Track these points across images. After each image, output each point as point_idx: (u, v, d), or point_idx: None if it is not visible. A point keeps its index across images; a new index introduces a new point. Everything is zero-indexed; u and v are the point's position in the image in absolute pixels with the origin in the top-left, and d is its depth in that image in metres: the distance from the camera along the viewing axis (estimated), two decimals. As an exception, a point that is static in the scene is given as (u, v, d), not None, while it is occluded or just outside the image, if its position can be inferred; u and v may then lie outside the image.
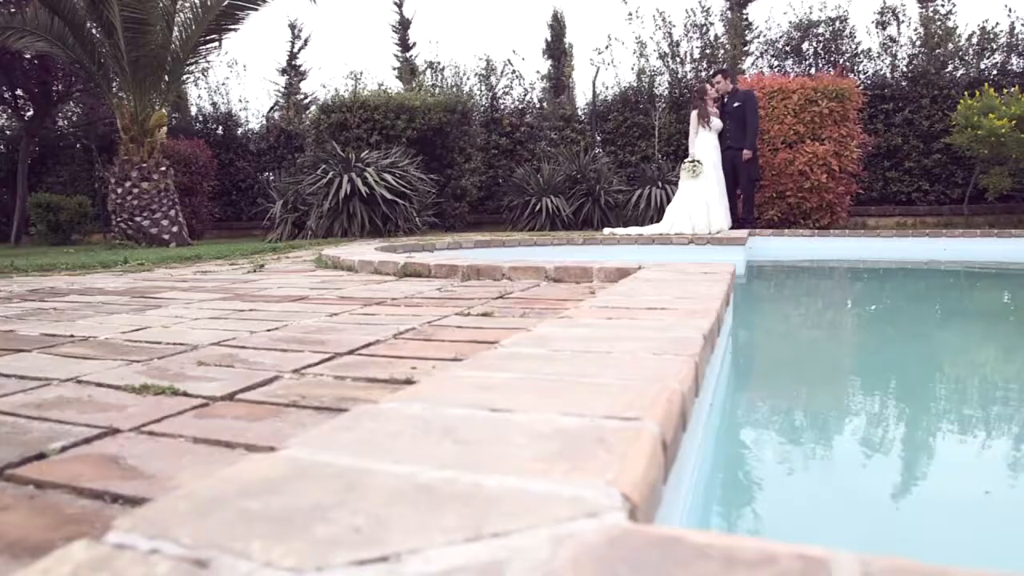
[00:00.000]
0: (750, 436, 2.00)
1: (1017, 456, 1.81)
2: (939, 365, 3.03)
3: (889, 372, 2.90)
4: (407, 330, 1.87)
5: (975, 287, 6.11)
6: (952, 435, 2.03)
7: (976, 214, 9.87)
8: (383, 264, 3.45)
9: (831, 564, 0.45)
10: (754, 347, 3.36)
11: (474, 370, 1.09)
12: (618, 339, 1.29)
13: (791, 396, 2.47)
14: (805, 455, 1.86)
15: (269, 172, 12.90)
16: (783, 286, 6.33)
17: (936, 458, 1.85)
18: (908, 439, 1.99)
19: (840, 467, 1.78)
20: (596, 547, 0.48)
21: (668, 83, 11.28)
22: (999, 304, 4.86)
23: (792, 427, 2.10)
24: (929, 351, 3.27)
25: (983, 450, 1.88)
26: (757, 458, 1.85)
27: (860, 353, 3.40)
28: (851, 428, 2.11)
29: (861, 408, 2.35)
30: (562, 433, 0.74)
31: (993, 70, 10.20)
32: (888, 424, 2.14)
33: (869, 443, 1.99)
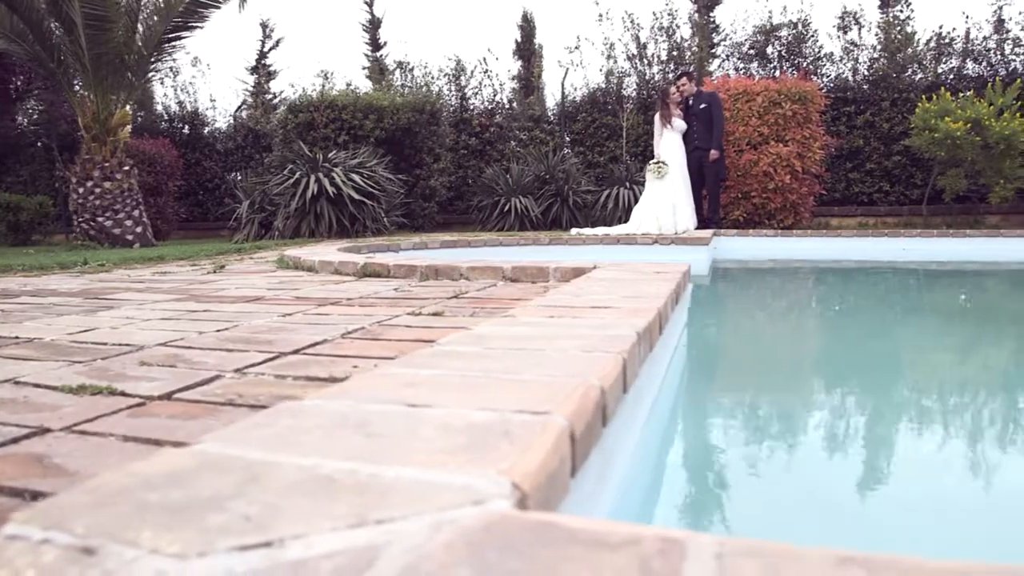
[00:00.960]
0: (697, 432, 2.05)
1: (972, 452, 1.88)
2: (893, 363, 3.11)
3: (839, 369, 2.98)
4: (356, 329, 1.89)
5: (930, 286, 6.26)
6: (910, 432, 2.09)
7: (935, 214, 10.10)
8: (343, 264, 3.45)
9: (689, 545, 0.48)
10: (710, 346, 3.42)
11: (405, 367, 1.11)
12: (554, 337, 1.32)
13: (742, 393, 2.52)
14: (748, 450, 1.90)
15: (237, 172, 12.78)
16: (744, 286, 6.44)
17: (885, 455, 1.91)
18: (854, 433, 2.04)
19: (779, 462, 1.83)
20: (472, 531, 0.51)
21: (636, 84, 11.39)
22: (952, 303, 4.99)
23: (739, 423, 2.15)
24: (881, 348, 3.36)
25: (947, 445, 1.95)
26: (701, 453, 1.89)
27: (814, 352, 3.48)
28: (796, 425, 2.17)
29: (809, 405, 2.41)
30: (472, 427, 0.76)
31: (950, 74, 10.45)
32: (835, 418, 2.20)
33: (812, 439, 2.04)
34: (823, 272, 7.13)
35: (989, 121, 8.56)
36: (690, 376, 2.63)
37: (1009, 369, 2.92)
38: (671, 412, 2.12)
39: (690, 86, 8.69)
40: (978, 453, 1.86)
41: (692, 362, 2.84)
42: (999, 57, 10.30)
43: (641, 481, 1.51)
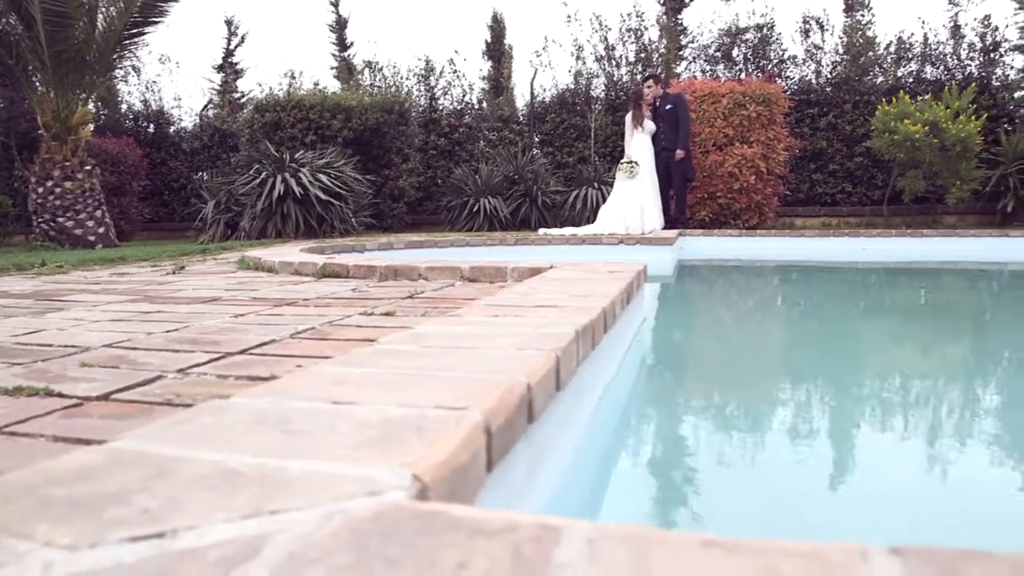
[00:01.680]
0: (646, 429, 2.08)
1: (924, 444, 1.94)
2: (847, 358, 3.18)
3: (794, 366, 3.04)
4: (306, 330, 1.89)
5: (887, 285, 6.40)
6: (869, 428, 2.15)
7: (895, 214, 10.32)
8: (303, 265, 3.45)
9: (564, 531, 0.51)
10: (668, 344, 3.47)
11: (340, 366, 1.12)
12: (493, 336, 1.34)
13: (696, 391, 2.56)
14: (696, 446, 1.94)
15: (203, 172, 12.63)
16: (708, 285, 6.52)
17: (838, 451, 1.96)
18: (803, 428, 2.09)
19: (725, 457, 1.87)
20: (361, 521, 0.53)
21: (604, 85, 11.47)
22: (908, 301, 5.11)
23: (690, 420, 2.19)
24: (835, 344, 3.44)
25: (903, 438, 2.00)
26: (649, 449, 1.93)
27: (772, 349, 3.55)
28: (748, 421, 2.21)
29: (762, 401, 2.45)
30: (388, 422, 0.78)
31: (909, 78, 10.69)
32: (787, 413, 2.25)
33: (763, 435, 2.09)
34: (786, 271, 7.25)
35: (946, 124, 8.78)
36: (645, 374, 2.67)
37: (959, 364, 3.01)
38: (623, 409, 2.16)
39: (656, 88, 8.80)
40: (928, 446, 1.92)
41: (649, 360, 2.89)
42: (955, 61, 10.57)
43: (584, 476, 1.54)
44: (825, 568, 0.45)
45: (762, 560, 0.45)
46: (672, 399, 2.43)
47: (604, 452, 1.78)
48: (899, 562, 0.46)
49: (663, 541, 0.48)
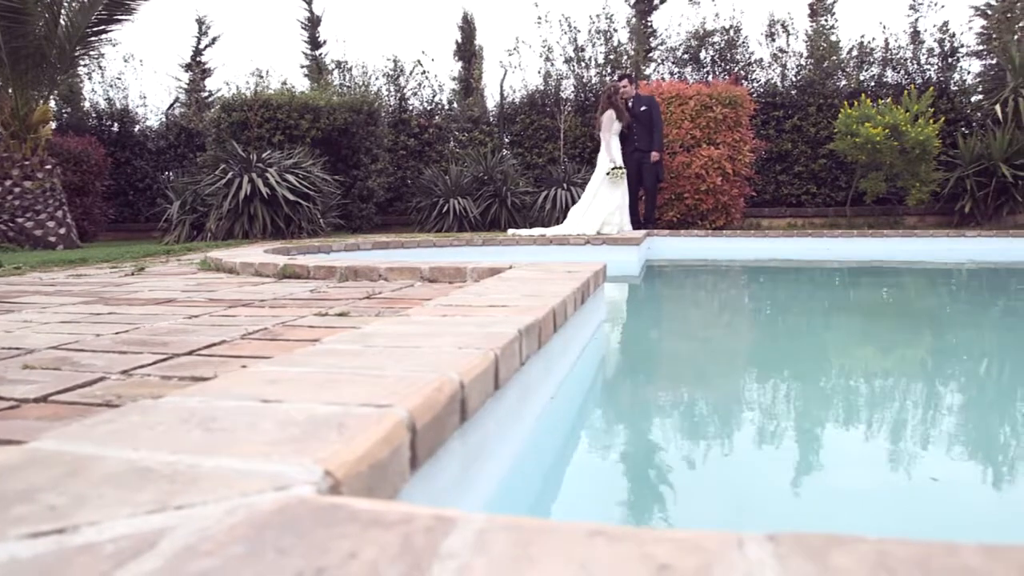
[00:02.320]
0: (598, 428, 2.11)
1: (880, 440, 1.99)
2: (803, 357, 3.25)
3: (755, 364, 3.09)
4: (258, 330, 1.89)
5: (847, 284, 6.52)
6: (820, 427, 2.20)
7: (858, 215, 10.52)
8: (263, 266, 3.43)
9: (458, 521, 0.53)
10: (629, 343, 3.51)
11: (279, 365, 1.13)
12: (437, 335, 1.36)
13: (653, 389, 2.60)
14: (649, 444, 1.97)
15: (169, 172, 12.45)
16: (675, 284, 6.59)
17: (789, 450, 2.00)
18: (752, 427, 2.14)
19: (681, 457, 1.90)
20: (263, 514, 0.54)
21: (574, 87, 11.53)
22: (867, 300, 5.22)
23: (645, 418, 2.23)
24: (791, 343, 3.50)
25: (864, 434, 2.05)
26: (601, 447, 1.95)
27: (734, 348, 3.60)
28: (705, 422, 2.24)
29: (720, 402, 2.49)
30: (311, 419, 0.79)
31: (871, 82, 10.91)
32: (742, 413, 2.29)
33: (720, 434, 2.12)
34: (750, 271, 7.36)
35: (906, 127, 8.98)
36: (603, 373, 2.70)
37: (916, 359, 3.09)
38: (578, 408, 2.18)
39: (630, 88, 8.83)
40: (887, 442, 1.97)
41: (607, 359, 2.92)
42: (915, 66, 10.81)
43: (532, 474, 1.56)
44: (700, 553, 0.47)
45: (642, 548, 0.47)
46: (628, 398, 2.46)
47: (555, 450, 1.80)
48: (772, 547, 0.48)
49: (550, 530, 0.50)
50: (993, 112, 9.69)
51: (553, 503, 1.57)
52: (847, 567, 0.45)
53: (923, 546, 0.48)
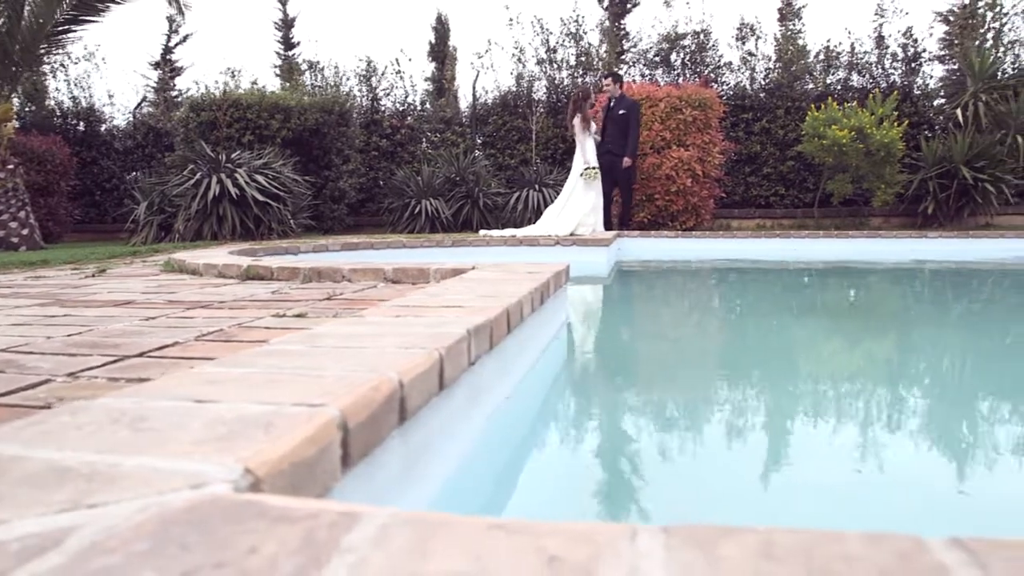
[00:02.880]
0: (554, 428, 2.12)
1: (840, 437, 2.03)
2: (759, 356, 3.30)
3: (721, 365, 3.13)
4: (213, 332, 1.88)
5: (812, 283, 6.62)
6: (780, 424, 2.23)
7: (825, 216, 10.69)
8: (227, 267, 3.40)
9: (362, 517, 0.54)
10: (592, 344, 3.54)
11: (222, 366, 1.13)
12: (385, 335, 1.37)
13: (615, 391, 2.62)
14: (606, 446, 1.99)
15: (138, 172, 12.28)
16: (644, 284, 6.65)
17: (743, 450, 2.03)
18: (711, 427, 2.17)
19: (639, 457, 1.92)
20: (174, 512, 0.55)
21: (546, 88, 11.58)
22: (831, 299, 5.31)
23: (602, 420, 2.25)
24: (757, 342, 3.56)
25: (838, 435, 2.08)
26: (557, 448, 1.97)
27: (698, 349, 3.64)
28: (666, 423, 2.27)
29: (682, 402, 2.52)
30: (241, 419, 0.80)
31: (837, 85, 11.10)
32: (702, 413, 2.32)
33: (680, 435, 2.15)
34: (719, 271, 7.44)
35: (871, 129, 9.14)
36: (565, 373, 2.72)
37: (873, 357, 3.15)
38: (538, 408, 2.20)
39: (614, 88, 8.85)
40: (849, 436, 2.01)
41: (569, 359, 2.94)
42: (880, 70, 11.01)
43: (482, 473, 1.57)
44: (591, 545, 0.48)
45: (536, 540, 0.49)
46: (589, 398, 2.48)
47: (511, 449, 1.81)
48: (664, 539, 0.50)
49: (450, 524, 0.52)
50: (954, 116, 9.91)
51: (508, 501, 1.58)
52: (733, 556, 0.47)
53: (809, 535, 0.50)
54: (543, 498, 1.61)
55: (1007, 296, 5.57)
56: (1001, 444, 1.90)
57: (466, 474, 1.46)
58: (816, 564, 0.46)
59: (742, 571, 0.45)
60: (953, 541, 0.50)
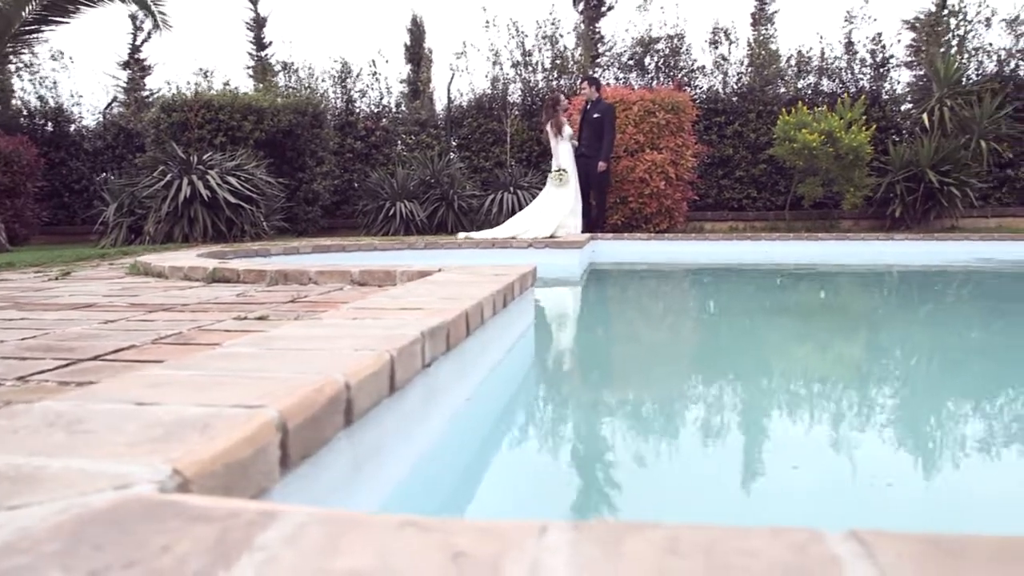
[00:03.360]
0: (516, 428, 2.13)
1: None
2: (728, 356, 3.34)
3: (680, 368, 3.17)
4: (172, 335, 1.87)
5: (782, 286, 6.71)
6: (746, 425, 2.26)
7: (796, 219, 10.84)
8: (193, 270, 3.37)
9: (280, 515, 0.55)
10: (559, 346, 3.56)
11: (170, 369, 1.13)
12: (340, 337, 1.37)
13: (576, 393, 2.64)
14: (564, 446, 2.01)
15: (108, 173, 12.11)
16: (616, 287, 6.69)
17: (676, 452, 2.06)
18: (671, 427, 2.19)
19: (599, 457, 1.94)
20: (94, 512, 0.55)
21: (521, 91, 11.61)
22: (802, 300, 5.38)
23: (565, 421, 2.26)
24: (718, 344, 3.60)
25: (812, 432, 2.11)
26: (517, 449, 1.98)
27: (667, 350, 3.68)
28: (625, 423, 2.28)
29: (642, 403, 2.55)
30: (179, 421, 0.80)
31: (808, 90, 11.26)
32: (657, 414, 2.35)
33: (636, 434, 2.17)
34: (691, 273, 7.51)
35: (840, 133, 9.29)
36: (530, 375, 2.74)
37: (839, 355, 3.21)
38: (501, 409, 2.21)
39: (591, 91, 8.94)
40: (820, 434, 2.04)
41: (535, 361, 2.95)
42: (849, 75, 11.20)
43: (440, 474, 1.57)
44: (498, 541, 0.50)
45: (446, 537, 0.50)
46: (553, 400, 2.50)
47: (472, 451, 1.82)
48: (572, 534, 0.51)
49: (365, 523, 0.53)
50: (921, 121, 10.10)
51: (469, 502, 1.59)
52: (637, 552, 0.49)
53: (714, 531, 0.52)
54: (503, 499, 1.62)
55: (968, 300, 5.69)
56: (962, 441, 1.95)
57: (423, 475, 1.47)
58: (717, 559, 0.48)
59: (644, 566, 0.47)
60: (850, 534, 0.51)
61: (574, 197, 8.59)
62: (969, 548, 0.50)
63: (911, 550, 0.49)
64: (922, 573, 0.47)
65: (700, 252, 8.22)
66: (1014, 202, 10.68)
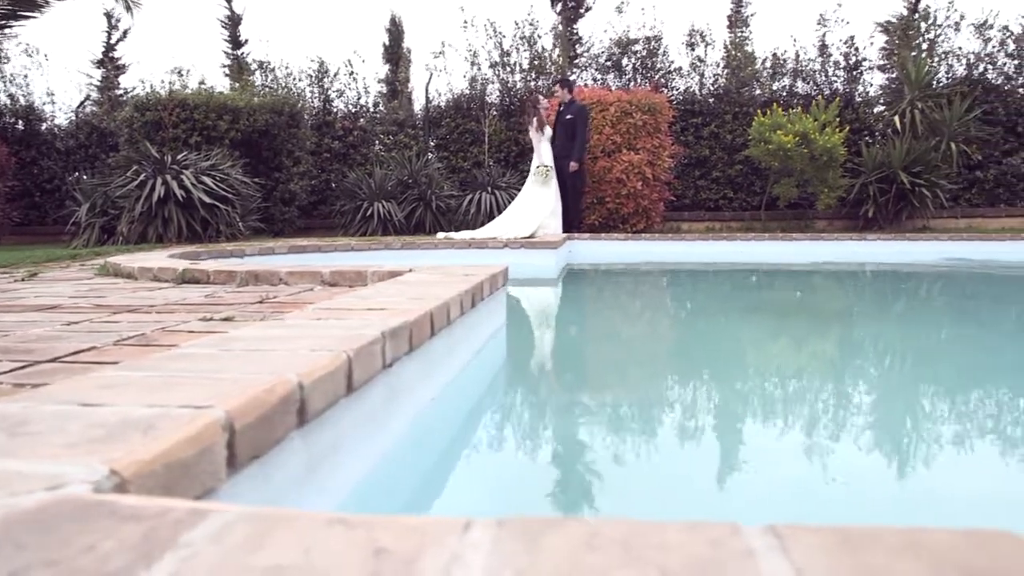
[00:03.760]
0: (483, 428, 2.14)
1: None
2: (701, 356, 3.37)
3: (653, 369, 3.19)
4: (134, 336, 1.86)
5: (752, 284, 6.78)
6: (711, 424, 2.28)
7: (772, 219, 10.95)
8: (162, 271, 3.34)
9: (209, 515, 0.55)
10: (530, 345, 3.57)
11: (124, 370, 1.12)
12: (301, 337, 1.37)
13: (545, 392, 2.65)
14: (531, 446, 2.02)
15: (81, 173, 11.95)
16: (592, 286, 6.72)
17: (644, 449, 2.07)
18: (640, 427, 2.21)
19: (567, 457, 1.95)
20: (19, 513, 0.55)
21: (499, 91, 11.62)
22: (775, 299, 5.44)
23: (531, 420, 2.27)
24: (690, 344, 3.63)
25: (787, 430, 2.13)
26: (483, 448, 1.98)
27: (635, 352, 3.70)
28: (595, 424, 2.29)
29: (612, 404, 2.56)
30: (123, 422, 0.80)
31: (783, 92, 11.39)
32: (626, 415, 2.37)
33: (605, 435, 2.18)
34: (667, 273, 7.57)
35: (814, 135, 9.40)
36: (501, 375, 2.74)
37: (809, 352, 3.25)
38: (470, 410, 2.21)
39: (563, 93, 9.01)
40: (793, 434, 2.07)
41: (507, 361, 2.96)
42: (823, 78, 11.33)
43: (403, 474, 1.58)
44: (421, 537, 0.50)
45: (370, 533, 0.51)
46: (523, 401, 2.51)
47: (438, 450, 1.82)
48: (495, 531, 0.52)
49: (294, 519, 0.53)
50: (893, 123, 10.26)
51: (434, 500, 1.59)
52: (556, 547, 0.50)
53: (635, 525, 0.53)
54: (466, 499, 1.62)
55: (936, 298, 5.79)
56: (930, 436, 1.98)
57: (385, 476, 1.47)
58: (632, 553, 0.49)
59: (561, 561, 0.48)
60: (768, 528, 0.53)
61: (555, 198, 8.65)
62: (878, 539, 0.52)
63: (823, 542, 0.51)
64: (830, 563, 0.48)
65: (677, 252, 8.28)
66: (983, 203, 10.88)
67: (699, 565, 0.47)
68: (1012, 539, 0.54)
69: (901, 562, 0.49)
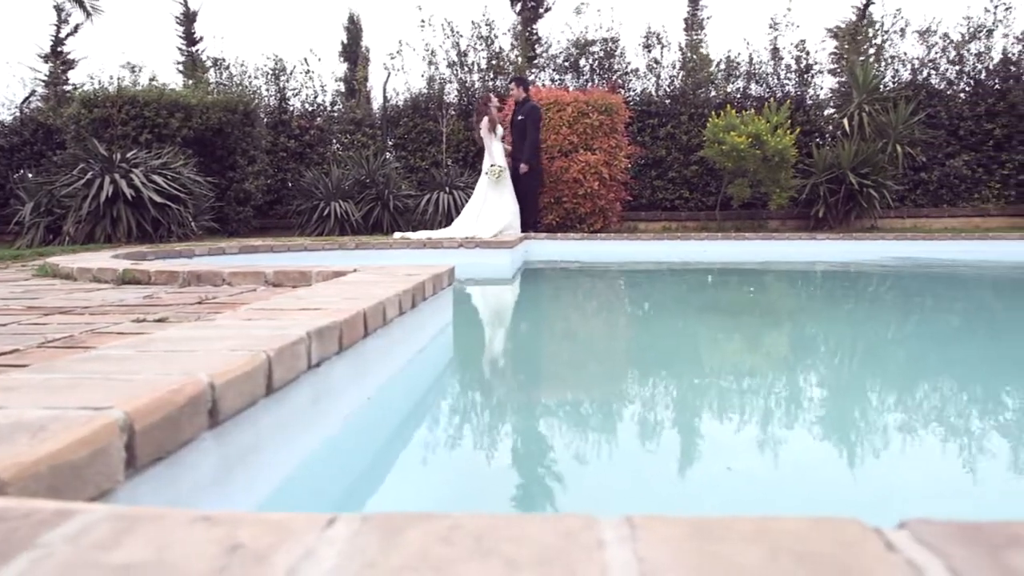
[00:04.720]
0: (421, 428, 2.14)
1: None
2: (647, 353, 3.42)
3: (610, 366, 3.23)
4: (60, 338, 1.82)
5: (718, 283, 6.89)
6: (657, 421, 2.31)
7: (727, 219, 11.14)
8: (102, 271, 3.28)
9: (76, 514, 0.55)
10: (477, 345, 3.58)
11: (30, 372, 1.11)
12: (225, 338, 1.36)
13: (489, 391, 2.67)
14: (469, 445, 2.03)
15: (25, 170, 11.60)
16: (549, 286, 6.76)
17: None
18: (581, 425, 2.24)
19: (507, 456, 1.96)
20: None
21: (457, 91, 11.61)
22: (728, 297, 5.54)
23: (471, 420, 2.28)
24: (651, 340, 3.68)
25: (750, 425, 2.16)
26: (420, 447, 1.98)
27: (585, 351, 3.74)
28: (538, 423, 2.32)
29: (557, 403, 2.59)
30: (15, 424, 0.79)
31: (737, 94, 11.58)
32: (569, 413, 2.39)
33: (547, 434, 2.20)
34: (624, 273, 7.64)
35: (767, 136, 9.58)
36: (445, 375, 2.75)
37: (760, 350, 3.32)
38: (410, 409, 2.22)
39: (518, 92, 9.02)
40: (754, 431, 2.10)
41: (451, 362, 2.97)
42: (776, 80, 11.56)
43: (331, 474, 1.58)
44: (280, 533, 0.51)
45: (232, 530, 0.52)
46: (462, 401, 2.52)
47: (373, 450, 1.82)
48: (357, 526, 0.53)
49: (158, 518, 0.54)
50: (842, 125, 10.52)
51: (368, 498, 1.59)
52: (412, 540, 0.51)
53: (494, 519, 0.55)
54: (399, 494, 1.63)
55: (882, 294, 5.96)
56: (880, 428, 2.05)
57: (312, 476, 1.47)
58: (484, 545, 0.50)
59: (411, 554, 0.49)
60: (625, 519, 0.55)
61: (512, 198, 8.69)
62: (730, 529, 0.54)
63: (675, 533, 0.53)
64: (677, 554, 0.50)
65: (633, 251, 8.37)
66: (927, 204, 11.22)
67: (547, 557, 0.49)
68: (858, 526, 0.57)
69: (745, 550, 0.51)
